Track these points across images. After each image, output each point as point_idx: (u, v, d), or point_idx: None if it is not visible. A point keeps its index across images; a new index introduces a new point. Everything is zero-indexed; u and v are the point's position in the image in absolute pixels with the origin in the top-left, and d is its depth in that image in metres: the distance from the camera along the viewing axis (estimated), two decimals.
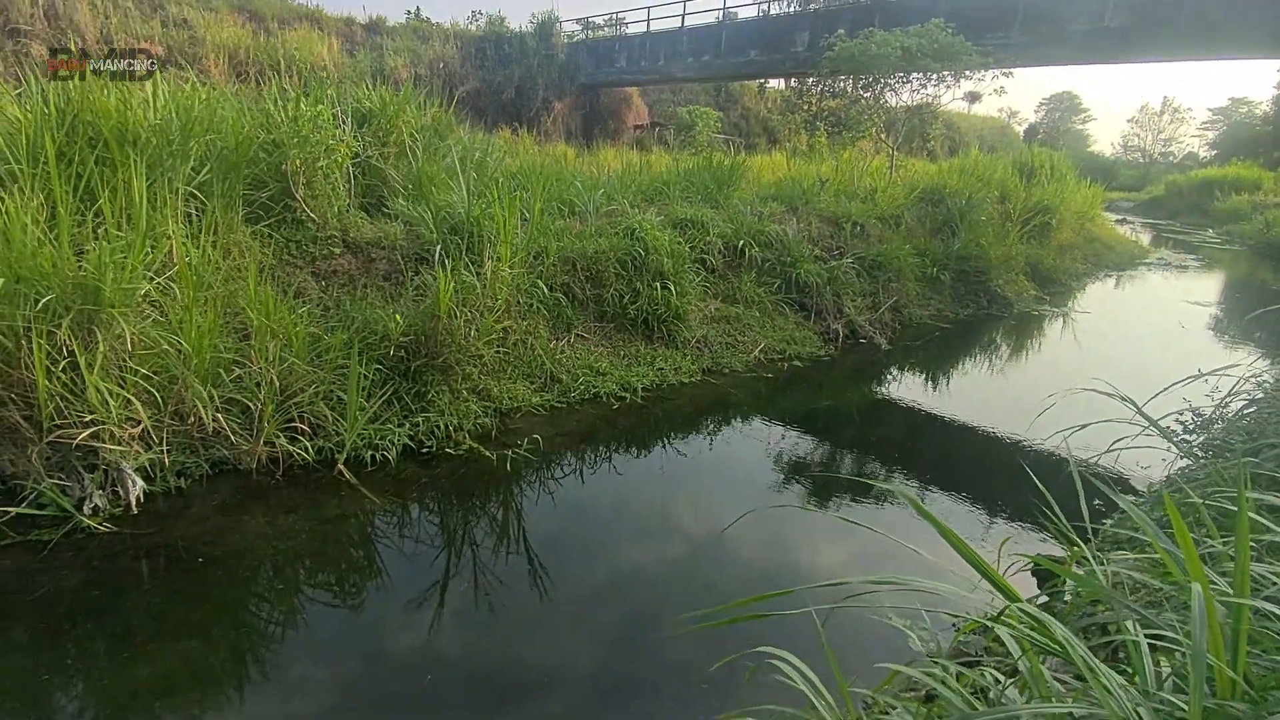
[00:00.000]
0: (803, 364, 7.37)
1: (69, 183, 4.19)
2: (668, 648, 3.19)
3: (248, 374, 4.36)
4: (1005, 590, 1.51)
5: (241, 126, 5.42)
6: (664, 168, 11.50)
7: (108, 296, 3.83)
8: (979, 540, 4.10)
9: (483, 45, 24.36)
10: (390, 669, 3.01)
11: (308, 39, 20.10)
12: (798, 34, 20.18)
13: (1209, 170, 33.55)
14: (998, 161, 13.92)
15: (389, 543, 3.93)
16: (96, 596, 3.30)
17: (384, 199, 6.60)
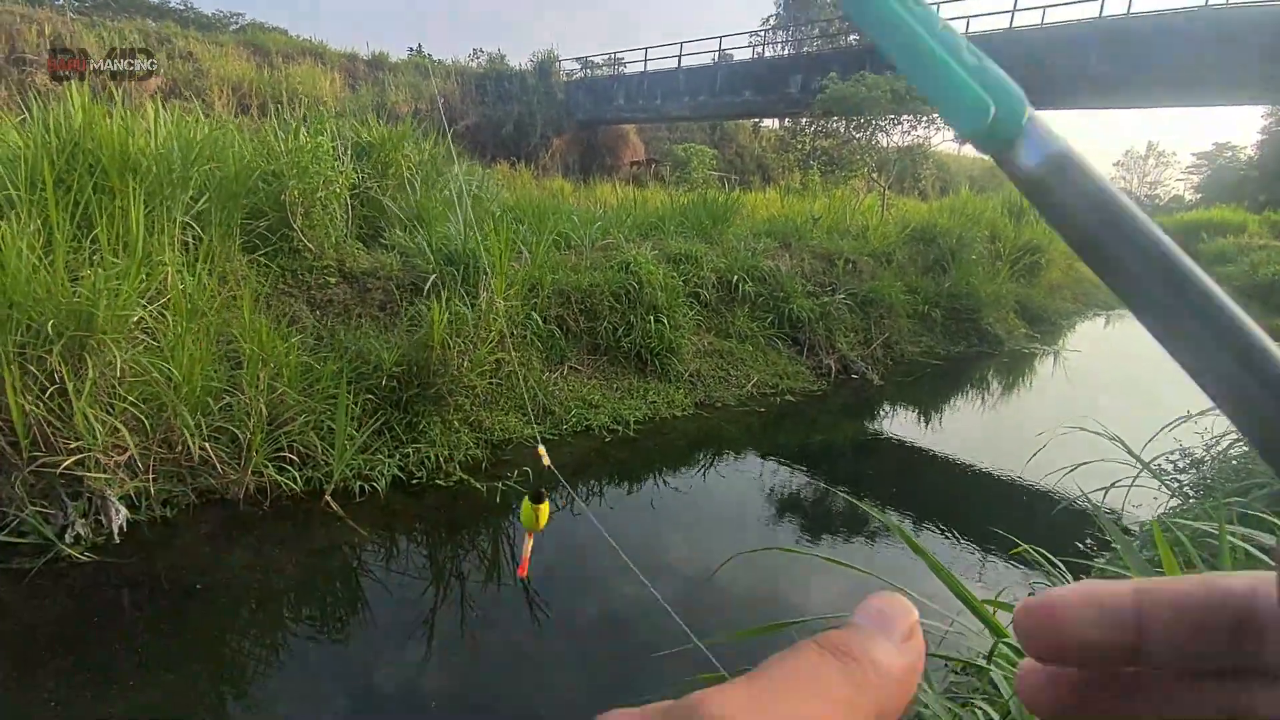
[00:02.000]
0: (795, 398, 7.38)
1: (66, 209, 4.21)
2: (654, 685, 3.14)
3: (237, 403, 4.34)
4: (995, 628, 1.50)
5: (242, 157, 5.49)
6: (659, 203, 11.64)
7: (100, 323, 3.82)
8: (973, 579, 4.07)
9: (483, 82, 24.82)
10: (376, 706, 2.94)
11: (311, 74, 20.45)
12: (791, 76, 20.66)
13: (1195, 213, 34.18)
14: (988, 201, 14.17)
15: (376, 576, 3.87)
16: (76, 627, 3.23)
17: (381, 230, 6.65)
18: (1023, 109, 0.28)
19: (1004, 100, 0.28)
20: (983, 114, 0.27)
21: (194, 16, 27.50)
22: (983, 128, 0.27)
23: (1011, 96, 0.28)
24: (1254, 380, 0.22)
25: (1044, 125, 0.27)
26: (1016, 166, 0.27)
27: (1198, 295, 0.24)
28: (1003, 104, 0.28)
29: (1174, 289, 0.25)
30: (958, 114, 0.28)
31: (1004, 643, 1.53)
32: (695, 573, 4.15)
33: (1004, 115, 0.28)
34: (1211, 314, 0.24)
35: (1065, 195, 0.27)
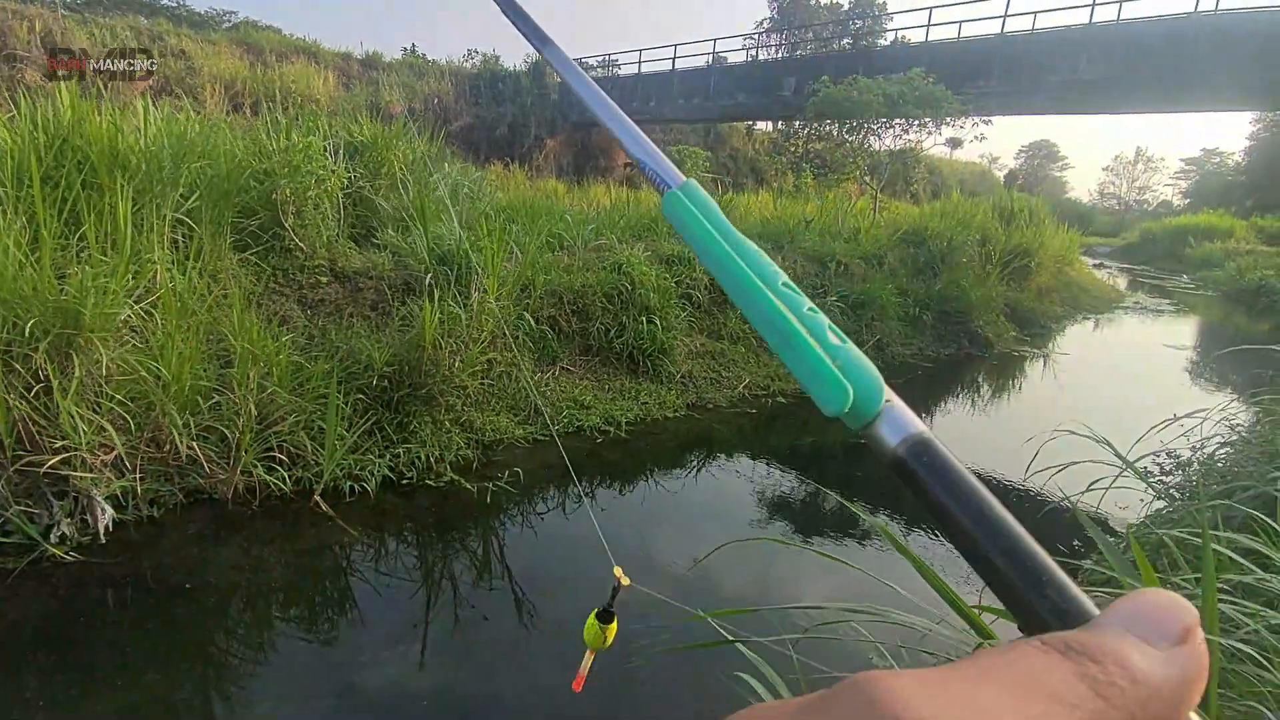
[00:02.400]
0: (786, 400, 7.40)
1: (54, 206, 4.18)
2: (643, 680, 3.14)
3: (227, 402, 4.31)
4: (981, 629, 1.51)
5: (233, 155, 5.46)
6: (652, 205, 11.66)
7: (87, 321, 3.80)
8: (960, 581, 4.09)
9: (477, 82, 24.78)
10: (365, 706, 2.93)
11: (304, 73, 20.36)
12: (785, 79, 20.74)
13: (1183, 218, 34.49)
14: (978, 205, 14.25)
15: (365, 576, 3.86)
16: (61, 627, 3.21)
17: (374, 229, 6.63)
18: (880, 393, 0.30)
19: (862, 384, 0.30)
20: (843, 397, 0.30)
21: (186, 14, 27.34)
22: (843, 410, 0.30)
23: (870, 381, 0.30)
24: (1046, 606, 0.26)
25: (901, 408, 0.30)
26: (879, 445, 0.30)
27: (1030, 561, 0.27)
28: (861, 387, 0.30)
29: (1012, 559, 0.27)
30: (822, 396, 0.31)
31: (989, 644, 1.54)
32: (686, 568, 4.15)
33: (862, 398, 0.30)
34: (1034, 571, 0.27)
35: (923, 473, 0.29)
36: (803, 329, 0.32)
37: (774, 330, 0.32)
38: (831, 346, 0.31)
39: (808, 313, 0.32)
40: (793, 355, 0.32)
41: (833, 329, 0.32)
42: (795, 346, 0.31)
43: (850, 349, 0.31)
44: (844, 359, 0.31)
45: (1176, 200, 55.74)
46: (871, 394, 0.30)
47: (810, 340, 0.31)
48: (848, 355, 0.31)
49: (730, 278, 0.34)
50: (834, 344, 0.31)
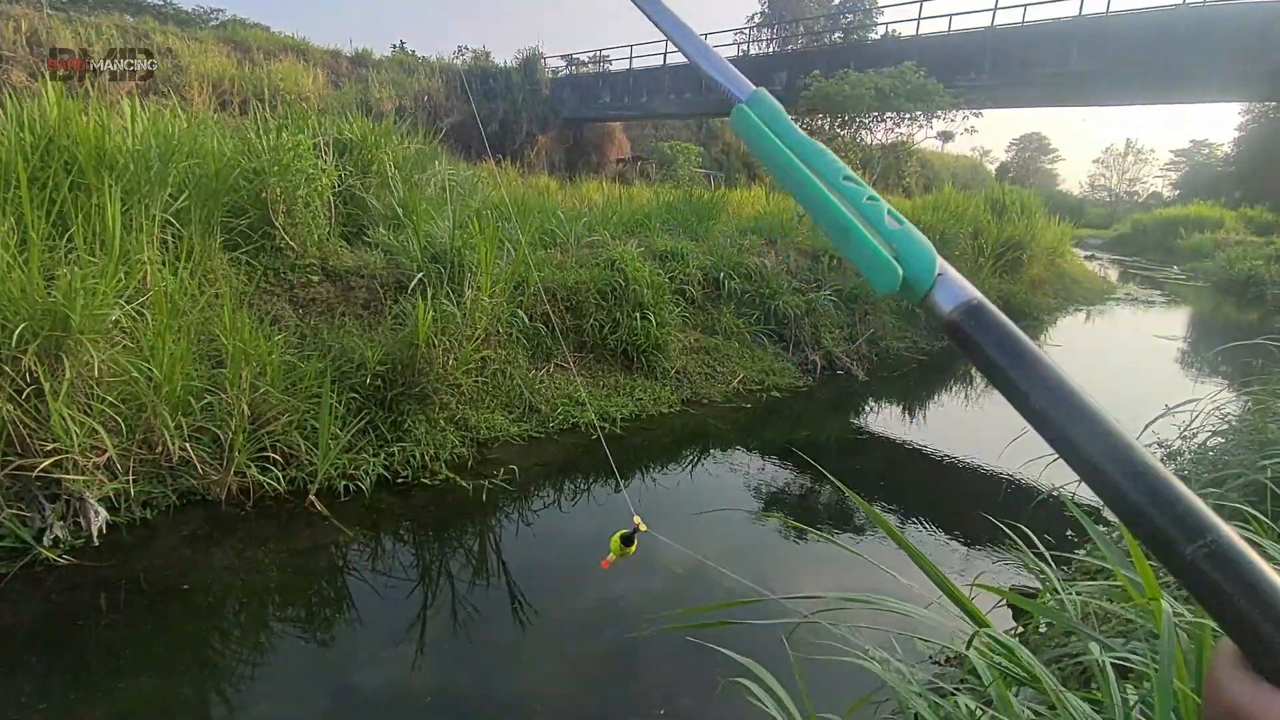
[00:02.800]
0: (781, 395, 7.41)
1: (41, 207, 4.15)
2: (641, 674, 3.15)
3: (219, 402, 4.29)
4: (976, 617, 1.52)
5: (222, 154, 5.42)
6: (645, 201, 11.64)
7: (77, 323, 3.77)
8: (956, 571, 4.11)
9: (468, 79, 24.67)
10: (362, 706, 2.92)
11: (293, 70, 20.24)
12: (776, 73, 20.73)
13: (1173, 209, 34.70)
14: (970, 198, 14.28)
15: (361, 576, 3.85)
16: (53, 631, 3.19)
17: (365, 228, 6.60)
18: (932, 267, 0.33)
19: (916, 261, 0.33)
20: (892, 278, 0.33)
21: (173, 12, 27.10)
22: (894, 288, 0.33)
23: (923, 259, 0.33)
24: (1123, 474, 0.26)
25: (955, 278, 0.33)
26: (933, 312, 0.33)
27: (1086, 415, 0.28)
28: (915, 265, 0.33)
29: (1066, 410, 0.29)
30: (874, 279, 0.34)
31: (985, 632, 1.55)
32: (683, 563, 4.16)
33: (916, 275, 0.33)
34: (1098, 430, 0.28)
35: (976, 334, 0.31)
36: (858, 219, 0.35)
37: (831, 223, 0.35)
38: (888, 231, 0.34)
39: (867, 202, 0.35)
40: (848, 244, 0.35)
41: (891, 213, 0.35)
42: (850, 237, 0.34)
43: (907, 230, 0.34)
44: (899, 240, 0.34)
45: (1167, 192, 56.02)
46: (925, 269, 0.33)
47: (864, 229, 0.34)
48: (903, 236, 0.34)
49: (792, 180, 0.37)
50: (891, 228, 0.34)
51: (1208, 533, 0.25)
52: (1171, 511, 0.25)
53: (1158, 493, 0.25)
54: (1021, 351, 0.30)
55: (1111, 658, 1.39)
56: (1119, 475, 0.26)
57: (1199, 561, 0.24)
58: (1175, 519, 0.25)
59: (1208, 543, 0.25)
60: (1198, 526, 0.25)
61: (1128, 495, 0.26)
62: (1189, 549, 0.25)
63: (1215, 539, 0.25)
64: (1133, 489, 0.26)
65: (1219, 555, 0.24)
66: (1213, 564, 0.24)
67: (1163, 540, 0.25)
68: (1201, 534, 0.25)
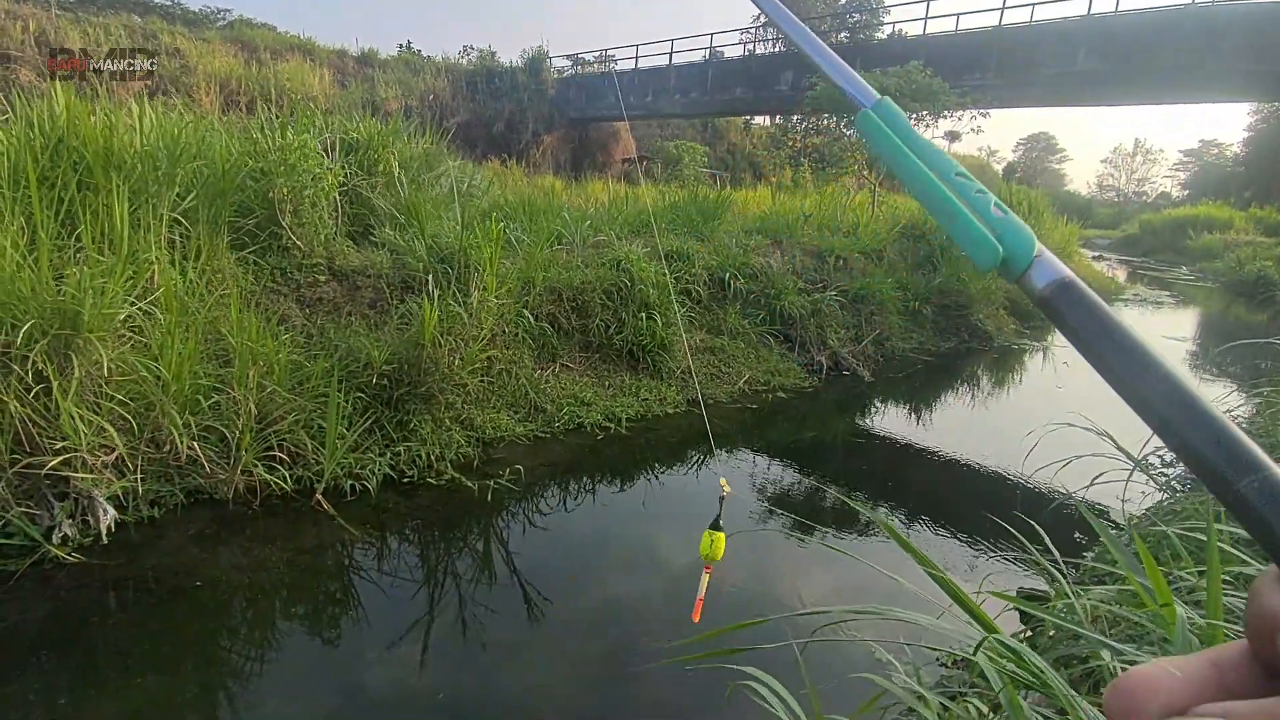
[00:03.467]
0: (786, 395, 7.40)
1: (51, 207, 4.17)
2: (648, 678, 3.14)
3: (226, 401, 4.31)
4: (984, 622, 1.51)
5: (229, 154, 5.44)
6: (651, 201, 11.64)
7: (86, 322, 3.79)
8: (963, 574, 4.10)
9: (474, 79, 24.73)
10: (369, 705, 2.93)
11: (299, 70, 20.31)
12: (782, 73, 20.69)
13: (1181, 210, 34.50)
14: None
15: (367, 575, 3.86)
16: (62, 629, 3.21)
17: (371, 228, 6.61)
18: (1032, 247, 0.38)
19: (1015, 243, 0.39)
20: (993, 256, 0.39)
21: (180, 12, 27.22)
22: (995, 264, 0.38)
23: (1022, 242, 0.39)
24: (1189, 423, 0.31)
25: (1050, 258, 0.38)
26: (1030, 289, 0.38)
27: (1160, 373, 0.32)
28: (1014, 246, 0.38)
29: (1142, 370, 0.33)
30: (976, 257, 0.39)
31: (993, 637, 1.54)
32: (688, 564, 4.15)
33: (1015, 254, 0.38)
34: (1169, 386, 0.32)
35: (1067, 310, 0.36)
36: (966, 208, 0.41)
37: (942, 210, 0.41)
38: (992, 217, 0.40)
39: (976, 194, 0.41)
40: (956, 227, 0.40)
41: (998, 204, 0.41)
42: (958, 221, 0.40)
43: (1010, 218, 0.40)
44: (1002, 226, 0.39)
45: (1175, 192, 55.79)
46: (1024, 250, 0.38)
47: (969, 214, 0.40)
48: (1006, 223, 0.40)
49: (909, 175, 0.43)
50: (996, 215, 0.40)
51: (1259, 470, 0.28)
52: (1227, 452, 0.29)
53: (1217, 437, 0.30)
54: (1105, 322, 0.35)
55: (1122, 662, 1.38)
56: (1185, 424, 0.30)
57: (1249, 495, 0.28)
58: (1230, 458, 0.29)
59: (1258, 479, 0.28)
60: (1250, 464, 0.29)
61: (1191, 440, 0.30)
62: (1240, 483, 0.28)
63: (1265, 476, 0.28)
64: (1196, 435, 0.30)
65: (1267, 490, 0.28)
66: (1261, 498, 0.28)
67: (1219, 477, 0.29)
68: (1253, 470, 0.28)
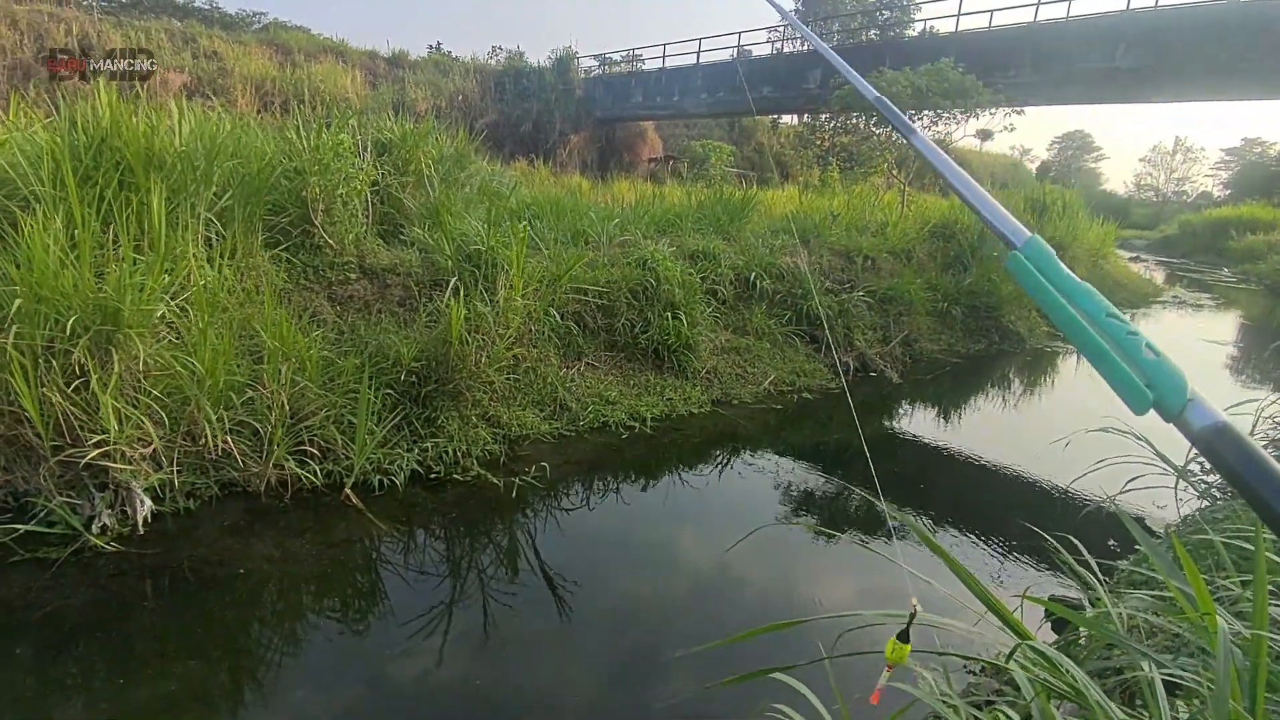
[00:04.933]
0: (812, 396, 7.34)
1: (92, 205, 4.29)
2: (675, 680, 3.14)
3: (259, 396, 4.39)
4: (1017, 629, 1.48)
5: (264, 153, 5.55)
6: (677, 200, 11.62)
7: (126, 318, 3.89)
8: (995, 580, 4.03)
9: (502, 79, 24.91)
10: (395, 696, 2.97)
11: (332, 72, 20.65)
12: (810, 72, 20.53)
13: (1223, 210, 33.50)
14: (1010, 198, 13.98)
15: (395, 568, 3.91)
16: (101, 615, 3.30)
17: (401, 226, 6.70)
18: (1182, 393, 0.38)
19: (1167, 384, 0.39)
20: (1143, 400, 0.39)
21: (218, 15, 27.84)
22: (1145, 408, 0.39)
23: (1175, 384, 0.38)
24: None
25: (1204, 403, 0.38)
26: (1186, 430, 0.38)
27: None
28: (1166, 389, 0.38)
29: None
30: (1127, 399, 0.40)
31: (1026, 644, 1.51)
32: (713, 565, 4.14)
33: (1166, 397, 0.38)
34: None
35: (1227, 453, 0.35)
36: (1114, 350, 0.42)
37: (1091, 353, 0.42)
38: (1144, 362, 0.40)
39: (1128, 336, 0.42)
40: (1107, 371, 0.42)
41: (1149, 346, 0.41)
42: (1107, 364, 0.42)
43: (1163, 361, 0.40)
44: (1153, 369, 0.39)
45: (1217, 192, 54.17)
46: (1176, 393, 0.38)
47: (1118, 360, 0.41)
48: (1157, 366, 0.40)
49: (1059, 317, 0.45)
50: (1147, 359, 0.40)
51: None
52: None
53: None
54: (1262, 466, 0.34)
55: (1161, 674, 1.35)
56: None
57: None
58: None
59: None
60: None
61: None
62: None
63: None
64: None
65: None
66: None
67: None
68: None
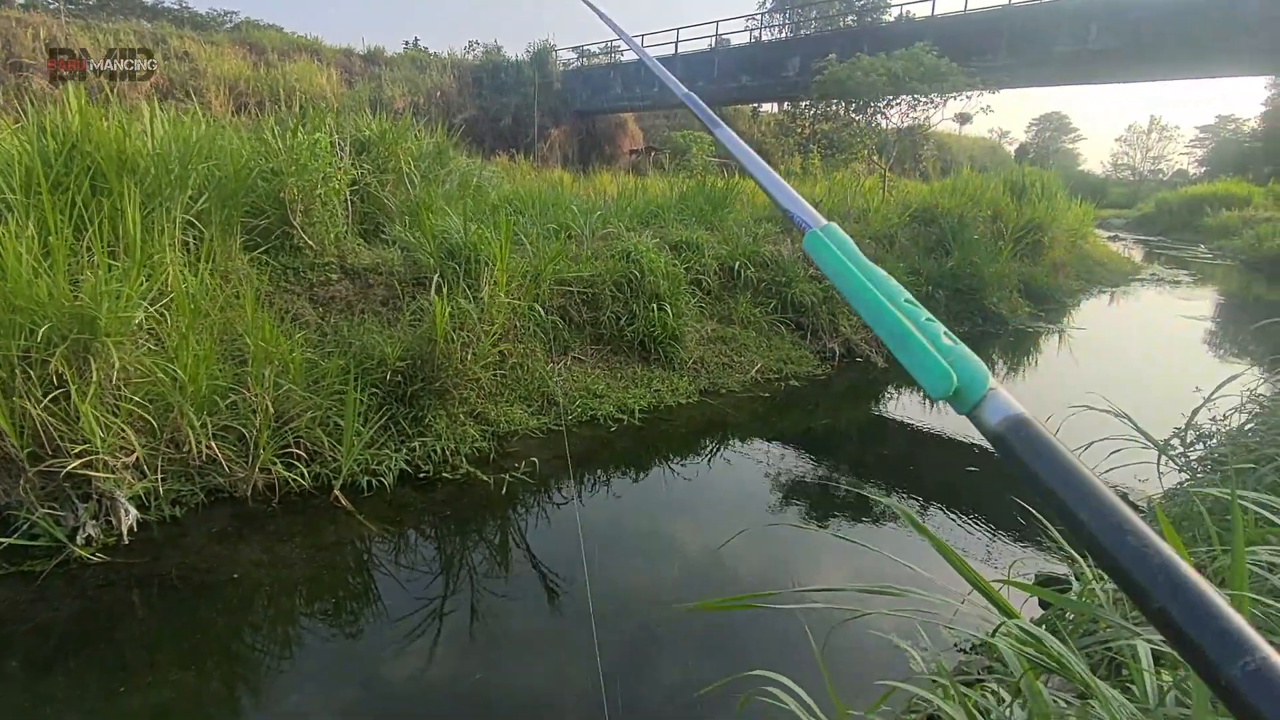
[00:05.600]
0: (799, 383, 7.37)
1: (65, 212, 4.22)
2: (664, 672, 3.16)
3: (243, 401, 4.35)
4: (1002, 606, 1.50)
5: (240, 155, 5.47)
6: (659, 191, 11.60)
7: (103, 326, 3.83)
8: (981, 559, 4.08)
9: (480, 74, 24.71)
10: (390, 697, 2.96)
11: (307, 70, 20.39)
12: (789, 59, 20.54)
13: (1199, 187, 33.91)
14: (989, 181, 14.06)
15: (386, 570, 3.89)
16: (90, 627, 3.26)
17: (382, 225, 6.64)
18: (984, 381, 0.37)
19: (967, 375, 0.36)
20: (946, 384, 0.37)
21: (189, 16, 27.40)
22: (948, 394, 0.37)
23: (975, 373, 0.37)
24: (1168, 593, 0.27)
25: (1003, 395, 0.36)
26: (982, 423, 0.36)
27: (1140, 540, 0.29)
28: (966, 378, 0.36)
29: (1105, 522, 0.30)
30: (929, 385, 0.37)
31: (1013, 622, 1.53)
32: (703, 556, 4.16)
33: (967, 386, 0.36)
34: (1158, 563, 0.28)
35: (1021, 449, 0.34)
36: (918, 333, 0.39)
37: (892, 334, 0.40)
38: (944, 347, 0.38)
39: (925, 321, 0.40)
40: (907, 355, 0.39)
41: (947, 334, 0.39)
42: (909, 346, 0.39)
43: (960, 349, 0.38)
44: (954, 356, 0.38)
45: (1192, 169, 54.86)
46: (976, 383, 0.36)
47: (924, 341, 0.39)
48: (957, 353, 0.38)
49: (858, 297, 0.43)
50: (946, 345, 0.38)
51: (1252, 652, 0.25)
52: (1214, 629, 0.26)
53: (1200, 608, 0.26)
54: (1064, 466, 0.32)
55: (1146, 645, 1.37)
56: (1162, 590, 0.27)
57: (1240, 683, 0.25)
58: (1218, 637, 0.26)
59: (1252, 662, 0.25)
60: (1241, 646, 0.25)
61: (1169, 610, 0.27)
62: (1231, 668, 0.25)
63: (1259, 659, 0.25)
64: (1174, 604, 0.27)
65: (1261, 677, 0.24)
66: (1253, 686, 0.24)
67: (1204, 658, 0.26)
68: (1245, 653, 0.25)
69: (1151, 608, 0.27)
